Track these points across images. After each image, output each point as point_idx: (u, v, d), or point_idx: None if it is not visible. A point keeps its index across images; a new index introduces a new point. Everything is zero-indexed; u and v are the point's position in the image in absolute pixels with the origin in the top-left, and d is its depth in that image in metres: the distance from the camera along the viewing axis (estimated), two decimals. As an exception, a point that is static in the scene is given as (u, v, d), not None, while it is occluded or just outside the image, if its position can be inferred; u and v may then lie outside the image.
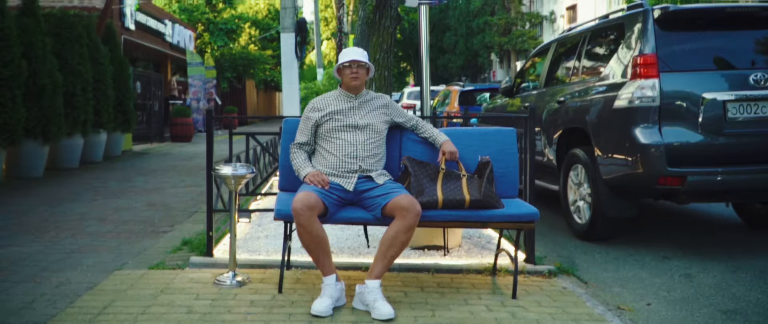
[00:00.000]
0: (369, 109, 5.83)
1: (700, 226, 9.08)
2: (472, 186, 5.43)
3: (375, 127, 5.74)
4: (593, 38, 8.78)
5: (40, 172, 13.11)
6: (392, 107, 6.00)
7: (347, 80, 5.79)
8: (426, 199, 5.31)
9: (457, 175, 5.54)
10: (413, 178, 5.50)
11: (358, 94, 5.87)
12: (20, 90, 11.78)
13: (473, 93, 20.18)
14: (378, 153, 5.72)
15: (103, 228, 8.18)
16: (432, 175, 5.56)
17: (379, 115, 5.84)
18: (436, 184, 5.47)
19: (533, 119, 6.51)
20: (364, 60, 5.78)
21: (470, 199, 5.33)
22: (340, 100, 5.83)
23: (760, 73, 7.07)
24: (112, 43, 17.77)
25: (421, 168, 5.58)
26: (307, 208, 5.00)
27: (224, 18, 40.61)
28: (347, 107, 5.79)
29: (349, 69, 5.76)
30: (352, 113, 5.76)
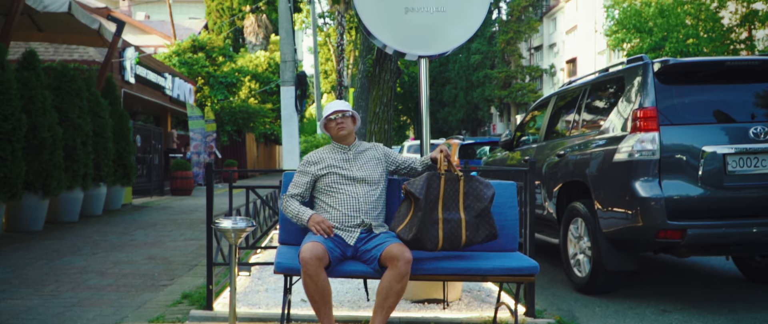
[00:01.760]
0: (364, 160, 5.82)
1: (700, 279, 9.06)
2: (469, 215, 5.42)
3: (372, 179, 5.73)
4: (593, 91, 8.81)
5: (40, 225, 13.10)
6: (387, 157, 6.00)
7: (334, 132, 5.85)
8: (427, 243, 5.31)
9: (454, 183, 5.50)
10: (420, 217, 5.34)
11: (350, 145, 5.90)
12: (20, 143, 11.79)
13: (473, 146, 20.19)
14: (379, 206, 5.69)
15: (103, 281, 8.17)
16: (434, 201, 5.41)
17: (374, 167, 5.81)
18: (438, 215, 5.38)
19: (533, 172, 6.52)
20: (347, 109, 5.88)
21: (465, 241, 5.37)
22: (334, 153, 5.85)
23: (760, 127, 7.09)
24: (113, 96, 17.82)
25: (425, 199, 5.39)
26: (315, 258, 4.99)
27: (224, 71, 40.74)
28: (343, 159, 5.79)
29: (334, 121, 5.84)
30: (348, 165, 5.75)
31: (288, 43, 18.52)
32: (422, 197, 5.30)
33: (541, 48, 78.41)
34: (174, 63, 37.87)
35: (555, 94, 10.32)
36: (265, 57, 44.95)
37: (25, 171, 12.09)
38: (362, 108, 14.42)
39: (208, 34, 45.49)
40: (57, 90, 14.34)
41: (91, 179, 15.22)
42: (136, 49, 25.15)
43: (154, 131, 25.35)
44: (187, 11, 73.88)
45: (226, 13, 54.29)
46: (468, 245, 5.41)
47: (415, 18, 8.12)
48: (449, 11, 8.13)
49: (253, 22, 53.89)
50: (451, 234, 5.33)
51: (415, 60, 8.30)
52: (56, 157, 13.19)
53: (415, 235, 5.26)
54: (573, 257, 8.36)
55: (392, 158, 6.01)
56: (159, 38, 47.33)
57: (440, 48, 8.18)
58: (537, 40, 79.06)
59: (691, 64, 7.67)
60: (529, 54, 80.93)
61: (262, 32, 53.89)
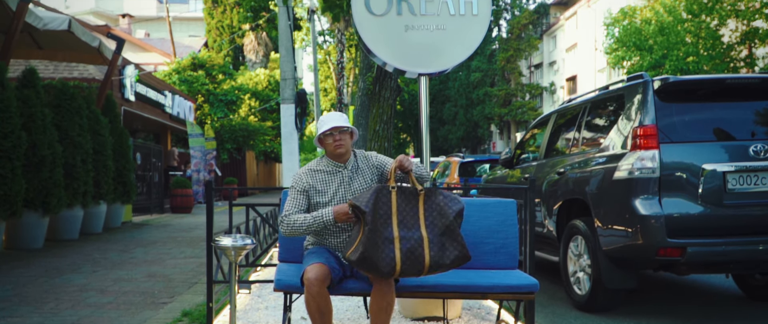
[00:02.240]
0: (361, 180, 5.55)
1: (700, 297, 9.05)
2: (432, 232, 4.99)
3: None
4: (593, 109, 8.82)
5: (40, 243, 13.09)
6: (379, 168, 5.66)
7: (331, 149, 5.50)
8: (381, 264, 4.83)
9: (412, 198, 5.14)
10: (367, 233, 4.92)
11: (346, 162, 5.58)
12: (20, 161, 11.79)
13: (473, 164, 20.18)
14: None
15: (103, 299, 8.16)
16: (385, 217, 5.01)
17: (368, 186, 5.51)
18: (393, 233, 4.95)
19: (533, 190, 6.53)
20: (345, 125, 5.50)
21: (429, 264, 4.90)
22: (329, 172, 5.57)
23: (760, 145, 7.09)
24: (112, 114, 17.83)
25: (373, 214, 4.98)
26: (319, 280, 4.90)
27: (224, 89, 40.77)
28: (337, 179, 5.52)
29: (331, 137, 5.48)
30: (342, 187, 5.50)
31: (288, 61, 18.54)
32: (369, 210, 4.95)
33: (541, 66, 78.51)
34: (174, 81, 37.91)
35: (555, 112, 10.33)
36: (265, 75, 45.01)
37: (25, 189, 12.09)
38: (362, 126, 14.43)
39: (208, 52, 45.56)
40: (57, 108, 14.35)
41: (91, 197, 15.22)
42: (136, 67, 25.17)
43: (154, 149, 25.36)
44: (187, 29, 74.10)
45: (226, 31, 54.39)
46: (435, 269, 4.94)
47: (415, 36, 8.14)
48: (449, 29, 8.14)
49: (252, 39, 53.99)
50: (410, 254, 4.87)
51: (415, 78, 8.32)
52: (56, 175, 13.19)
53: (362, 255, 4.85)
54: (573, 275, 8.35)
55: (383, 170, 5.64)
56: (159, 56, 47.40)
57: (440, 66, 8.20)
58: (537, 58, 79.17)
59: (691, 82, 7.67)
60: (529, 72, 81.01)
61: (262, 50, 53.97)
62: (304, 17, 47.25)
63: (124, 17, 63.10)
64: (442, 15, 8.23)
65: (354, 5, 8.22)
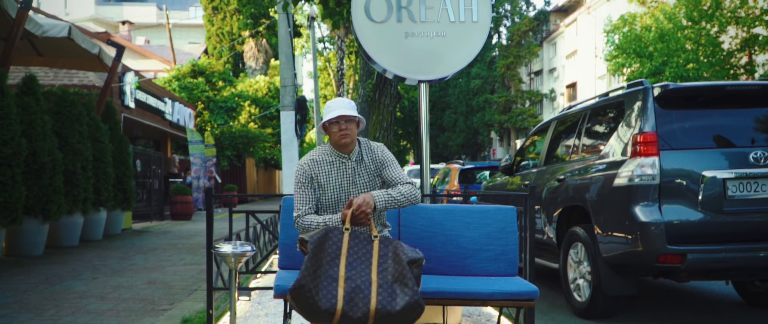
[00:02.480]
0: (366, 175, 5.30)
1: (700, 304, 9.05)
2: (383, 278, 4.70)
3: (369, 186, 5.31)
4: (593, 116, 8.82)
5: (40, 250, 13.09)
6: (382, 166, 5.36)
7: (336, 138, 5.21)
8: (319, 298, 4.55)
9: (366, 243, 4.86)
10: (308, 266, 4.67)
11: (351, 153, 5.29)
12: (20, 168, 11.80)
13: (473, 171, 20.20)
14: (381, 216, 5.36)
15: (103, 306, 8.16)
16: (333, 255, 4.77)
17: (372, 180, 5.33)
18: (339, 272, 4.70)
19: (533, 197, 6.53)
20: (353, 114, 5.20)
21: (375, 309, 4.55)
22: (332, 163, 5.29)
23: (760, 151, 7.10)
24: (112, 121, 17.83)
25: (319, 252, 4.74)
26: None
27: (224, 96, 40.76)
28: (340, 171, 5.27)
29: (337, 125, 5.17)
30: (346, 179, 5.26)
31: (288, 68, 18.57)
32: (313, 246, 4.72)
33: (541, 73, 78.50)
34: (174, 88, 37.91)
35: (555, 119, 10.33)
36: (265, 82, 45.03)
37: (25, 196, 12.10)
38: (362, 133, 14.43)
39: (207, 59, 45.52)
40: (57, 115, 14.36)
41: (91, 204, 15.22)
42: (136, 74, 25.20)
43: (154, 156, 25.36)
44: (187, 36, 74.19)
45: (226, 38, 54.43)
46: (382, 316, 4.56)
47: (415, 43, 8.16)
48: (449, 36, 8.16)
49: (252, 46, 54.04)
50: (354, 296, 4.58)
51: (415, 85, 8.34)
52: (56, 182, 13.20)
53: (299, 283, 4.57)
54: (573, 282, 8.35)
55: (385, 171, 5.34)
56: (159, 63, 47.43)
57: (440, 73, 8.21)
58: (537, 65, 79.15)
59: (691, 89, 7.67)
60: (529, 79, 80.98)
61: (262, 57, 54.01)
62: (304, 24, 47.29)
63: (123, 24, 63.15)
64: (442, 22, 8.26)
65: (354, 12, 8.24)
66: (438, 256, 5.86)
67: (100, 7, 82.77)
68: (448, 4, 8.28)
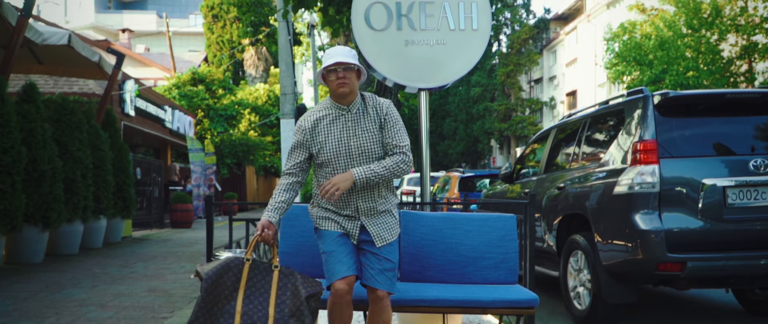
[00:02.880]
0: (363, 127, 4.99)
1: (701, 312, 9.04)
2: (280, 312, 4.66)
3: (371, 151, 4.98)
4: (593, 124, 8.82)
5: (40, 258, 13.07)
6: (387, 120, 5.05)
7: (334, 87, 4.96)
8: None
9: (265, 274, 4.81)
10: (202, 303, 4.63)
11: (350, 105, 5.02)
12: (20, 176, 11.79)
13: (473, 179, 20.19)
14: (377, 186, 5.04)
15: (103, 314, 8.15)
16: (232, 288, 4.71)
17: (373, 135, 5.01)
18: (235, 306, 4.67)
19: (533, 205, 6.53)
20: (351, 61, 4.91)
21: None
22: (330, 114, 5.05)
23: (760, 159, 7.10)
24: (112, 129, 17.82)
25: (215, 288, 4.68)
26: (348, 291, 4.80)
27: (224, 104, 40.75)
28: (339, 124, 5.00)
29: (334, 74, 4.93)
30: (345, 133, 4.98)
31: (288, 76, 18.60)
32: (209, 283, 4.66)
33: (541, 80, 78.57)
34: (174, 96, 37.92)
35: (555, 127, 10.33)
36: (264, 90, 45.03)
37: (25, 203, 12.09)
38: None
39: (207, 67, 45.51)
40: (57, 122, 14.36)
41: (91, 212, 15.21)
42: (136, 82, 25.20)
43: (153, 164, 25.33)
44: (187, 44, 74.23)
45: (226, 46, 54.48)
46: None
47: (415, 51, 8.16)
48: (449, 44, 8.16)
49: (252, 54, 54.08)
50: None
51: (415, 92, 8.33)
52: (56, 190, 13.19)
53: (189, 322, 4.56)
54: (573, 290, 8.35)
55: (384, 131, 5.03)
56: (159, 71, 47.42)
57: (440, 80, 8.22)
58: (537, 73, 79.22)
59: (691, 97, 7.68)
60: (529, 86, 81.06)
61: (262, 65, 54.04)
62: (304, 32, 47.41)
63: (124, 32, 63.10)
64: (442, 30, 8.27)
65: (354, 20, 8.24)
66: (438, 264, 5.86)
67: (100, 15, 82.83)
68: (448, 12, 8.29)
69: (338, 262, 4.84)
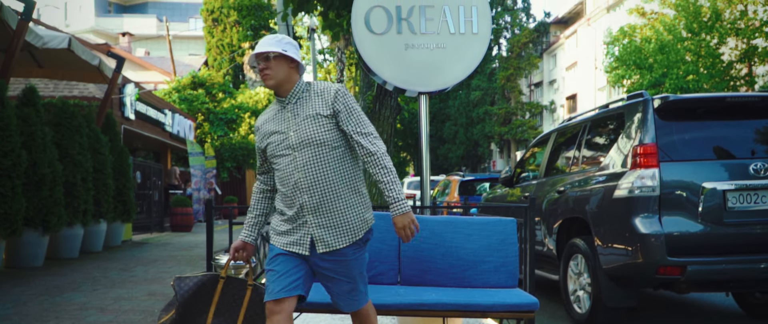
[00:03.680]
0: (304, 115, 4.45)
1: (701, 315, 9.04)
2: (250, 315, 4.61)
3: (312, 139, 4.40)
4: (593, 128, 8.83)
5: (40, 261, 13.07)
6: (337, 110, 4.46)
7: (262, 80, 4.52)
8: None
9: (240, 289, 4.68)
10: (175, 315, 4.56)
11: (287, 95, 4.51)
12: (20, 180, 11.78)
13: (473, 183, 20.19)
14: (326, 179, 4.42)
15: (103, 318, 8.15)
16: (203, 305, 4.63)
17: (315, 122, 4.43)
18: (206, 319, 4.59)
19: (533, 209, 6.53)
20: (270, 49, 4.42)
21: None
22: (276, 111, 4.60)
23: (760, 163, 7.10)
24: (112, 132, 17.82)
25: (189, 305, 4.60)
26: (279, 316, 4.27)
27: (224, 108, 40.71)
28: (279, 117, 4.55)
29: (258, 67, 4.52)
30: (284, 124, 4.50)
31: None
32: (182, 301, 4.58)
33: (541, 84, 78.60)
34: (174, 99, 37.91)
35: (555, 131, 10.34)
36: (265, 93, 44.98)
37: (25, 207, 12.08)
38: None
39: (208, 71, 45.51)
40: (57, 126, 14.35)
41: (91, 215, 15.20)
42: (136, 86, 25.19)
43: (154, 167, 25.33)
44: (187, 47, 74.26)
45: (226, 50, 54.45)
46: None
47: (415, 55, 8.15)
48: (449, 48, 8.15)
49: (253, 58, 54.05)
50: None
51: (415, 96, 8.33)
52: (56, 194, 13.18)
53: None
54: (573, 293, 8.35)
55: (342, 116, 4.47)
56: (159, 74, 47.45)
57: (440, 84, 8.21)
58: (537, 77, 79.26)
59: (691, 101, 7.68)
60: (529, 90, 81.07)
61: (263, 69, 53.97)
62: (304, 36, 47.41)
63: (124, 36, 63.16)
64: (442, 34, 8.26)
65: (354, 24, 8.24)
66: (438, 267, 5.87)
67: (101, 19, 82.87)
68: (448, 16, 8.29)
69: (273, 281, 4.38)
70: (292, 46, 4.51)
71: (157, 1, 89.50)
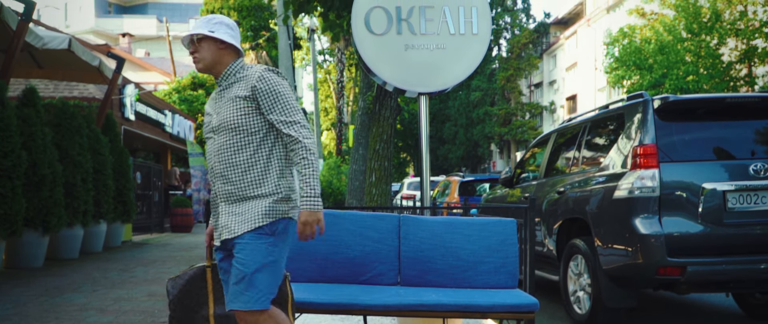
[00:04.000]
0: (227, 98, 4.28)
1: (701, 316, 9.04)
2: None
3: (228, 124, 4.22)
4: (593, 128, 8.83)
5: (40, 262, 13.06)
6: (260, 92, 4.21)
7: None
8: None
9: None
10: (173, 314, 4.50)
11: (219, 77, 4.36)
12: (20, 180, 11.77)
13: (473, 183, 20.18)
14: (249, 166, 4.22)
15: (103, 319, 8.14)
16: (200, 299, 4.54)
17: (234, 105, 4.24)
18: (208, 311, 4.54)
19: (533, 209, 6.53)
20: (195, 32, 4.30)
21: None
22: (215, 93, 4.45)
23: (760, 163, 7.10)
24: (112, 133, 17.80)
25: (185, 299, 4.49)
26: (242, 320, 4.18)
27: (224, 109, 40.72)
28: (215, 99, 4.40)
29: (189, 51, 4.36)
30: (213, 107, 4.39)
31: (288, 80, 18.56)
32: (174, 299, 4.51)
33: (541, 85, 78.60)
34: (174, 100, 37.91)
35: (555, 131, 10.34)
36: (265, 94, 44.99)
37: (25, 208, 12.08)
38: (362, 145, 14.42)
39: (208, 71, 45.46)
40: (57, 127, 14.35)
41: (91, 216, 15.19)
42: (136, 86, 25.18)
43: (154, 168, 25.33)
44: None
45: (227, 51, 54.39)
46: None
47: (415, 55, 8.16)
48: (449, 49, 8.16)
49: (253, 58, 53.97)
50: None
51: (415, 97, 8.33)
52: (56, 194, 13.18)
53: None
54: (573, 294, 8.34)
55: (264, 102, 4.22)
56: (159, 75, 47.46)
57: (440, 85, 8.22)
58: (537, 77, 79.26)
59: (691, 101, 7.68)
60: (529, 91, 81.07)
61: (263, 69, 53.98)
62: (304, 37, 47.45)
63: (124, 36, 63.22)
64: (442, 34, 8.27)
65: (354, 25, 8.25)
66: (438, 268, 5.86)
67: (101, 20, 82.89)
68: (448, 17, 8.30)
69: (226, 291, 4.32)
70: (223, 25, 4.35)
71: (157, 1, 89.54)
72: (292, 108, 4.20)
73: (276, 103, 4.18)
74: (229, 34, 4.34)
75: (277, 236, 4.16)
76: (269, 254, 4.12)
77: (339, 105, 45.44)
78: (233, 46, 4.36)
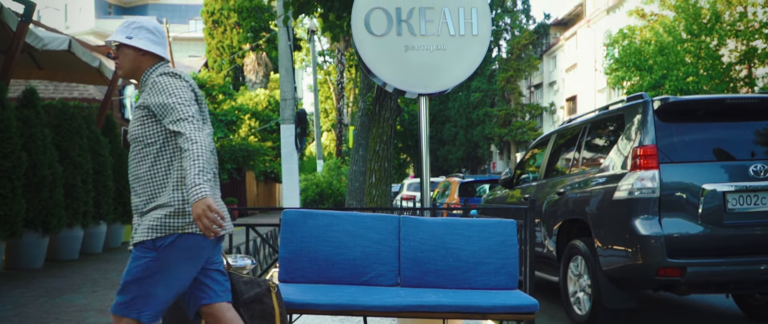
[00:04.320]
0: (139, 108, 4.20)
1: (701, 317, 9.04)
2: None
3: (132, 134, 4.19)
4: (593, 129, 8.83)
5: (40, 263, 13.05)
6: (147, 90, 4.16)
7: None
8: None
9: None
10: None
11: (141, 84, 4.27)
12: (20, 181, 11.76)
13: (473, 184, 20.17)
14: (149, 179, 4.14)
15: (103, 319, 8.14)
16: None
17: (134, 116, 4.22)
18: None
19: (533, 210, 6.53)
20: (113, 38, 4.27)
21: None
22: None
23: (760, 164, 7.10)
24: (113, 134, 17.78)
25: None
26: None
27: (224, 109, 40.70)
28: None
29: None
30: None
31: (288, 81, 18.58)
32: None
33: (541, 86, 78.59)
34: (174, 101, 37.86)
35: (555, 132, 10.34)
36: (265, 95, 45.01)
37: (25, 209, 12.06)
38: (362, 146, 14.44)
39: (208, 72, 45.58)
40: (57, 128, 14.33)
41: (91, 217, 15.17)
42: (136, 87, 25.16)
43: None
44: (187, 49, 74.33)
45: (226, 51, 54.48)
46: None
47: (415, 56, 8.15)
48: (449, 50, 8.15)
49: (253, 60, 54.10)
50: None
51: (415, 98, 8.33)
52: (56, 195, 13.17)
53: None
54: (573, 295, 8.35)
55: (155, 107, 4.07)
56: (159, 76, 47.42)
57: (440, 86, 8.21)
58: (537, 78, 79.26)
59: (690, 102, 7.69)
60: (529, 92, 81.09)
61: (262, 70, 54.06)
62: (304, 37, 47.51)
63: (124, 37, 63.18)
64: (442, 35, 8.26)
65: (354, 26, 8.24)
66: (438, 269, 5.86)
67: (101, 21, 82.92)
68: (448, 18, 8.29)
69: None
70: (143, 30, 4.25)
71: (157, 2, 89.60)
72: (180, 106, 3.98)
73: (165, 107, 4.00)
74: (150, 40, 4.24)
75: (160, 251, 4.01)
76: (146, 269, 4.00)
77: (339, 106, 45.51)
78: (149, 55, 4.26)
